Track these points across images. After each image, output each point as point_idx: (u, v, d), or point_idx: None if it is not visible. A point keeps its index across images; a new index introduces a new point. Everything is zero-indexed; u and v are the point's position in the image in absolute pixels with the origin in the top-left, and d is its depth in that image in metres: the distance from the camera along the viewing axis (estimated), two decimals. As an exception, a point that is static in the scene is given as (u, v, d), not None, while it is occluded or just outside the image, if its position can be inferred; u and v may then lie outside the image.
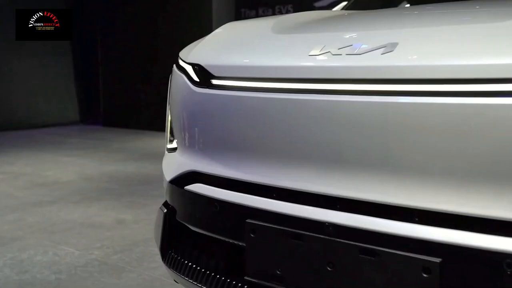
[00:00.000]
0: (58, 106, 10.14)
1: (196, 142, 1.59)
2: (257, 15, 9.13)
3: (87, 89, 10.60)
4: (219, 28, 1.81)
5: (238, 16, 9.14)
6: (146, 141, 7.72)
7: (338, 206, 1.26)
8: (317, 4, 8.52)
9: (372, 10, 1.86)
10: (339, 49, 1.27)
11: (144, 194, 4.36)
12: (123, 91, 9.60)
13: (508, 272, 1.03)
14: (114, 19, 9.74)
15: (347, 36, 1.34)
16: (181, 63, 1.68)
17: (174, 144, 1.77)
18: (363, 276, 1.19)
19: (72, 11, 9.28)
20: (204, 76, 1.54)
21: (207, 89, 1.52)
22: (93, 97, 10.40)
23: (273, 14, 8.93)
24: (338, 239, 1.23)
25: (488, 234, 1.06)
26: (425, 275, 1.10)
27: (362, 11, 1.91)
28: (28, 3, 8.61)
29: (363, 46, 1.24)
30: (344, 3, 2.66)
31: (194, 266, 1.60)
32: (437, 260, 1.09)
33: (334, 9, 2.60)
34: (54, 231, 3.40)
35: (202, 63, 1.56)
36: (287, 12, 8.89)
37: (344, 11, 1.94)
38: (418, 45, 1.21)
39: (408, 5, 1.83)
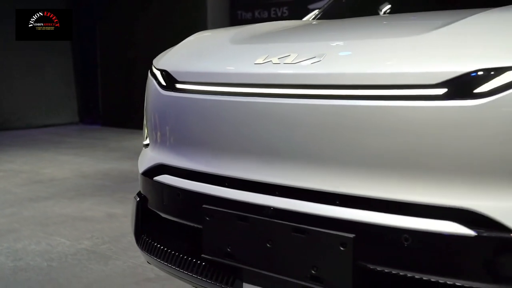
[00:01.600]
0: (58, 106, 10.33)
1: (163, 139, 1.81)
2: (253, 17, 9.37)
3: (86, 89, 10.80)
4: (189, 37, 2.03)
5: (234, 18, 9.36)
6: (142, 140, 7.93)
7: (276, 192, 1.47)
8: (311, 6, 8.73)
9: (318, 22, 2.08)
10: (279, 58, 1.49)
11: (136, 190, 4.54)
12: (121, 92, 9.81)
13: (405, 244, 1.25)
14: (113, 20, 9.95)
15: (287, 47, 1.55)
16: (153, 68, 1.90)
17: (147, 141, 1.99)
18: (295, 250, 1.41)
19: (72, 11, 9.42)
20: (170, 81, 1.76)
21: (172, 92, 1.74)
22: (92, 97, 10.62)
23: (269, 16, 9.17)
24: (275, 220, 1.45)
25: (390, 213, 1.28)
26: (342, 248, 1.32)
27: (310, 22, 2.13)
28: (28, 3, 8.76)
29: (298, 56, 1.46)
30: (316, 11, 2.89)
31: (162, 248, 1.82)
32: (351, 235, 1.31)
33: (305, 18, 2.84)
34: (48, 224, 3.63)
35: (168, 69, 1.78)
36: (283, 13, 9.13)
37: (296, 22, 2.16)
38: (341, 56, 1.42)
39: (357, 18, 2.05)
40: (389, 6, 2.47)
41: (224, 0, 9.35)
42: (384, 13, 2.44)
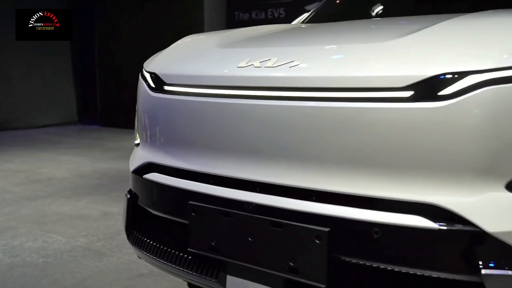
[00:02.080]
0: (57, 106, 10.38)
1: (152, 138, 1.89)
2: (250, 18, 9.45)
3: (85, 90, 10.88)
4: (177, 41, 2.11)
5: (232, 19, 9.44)
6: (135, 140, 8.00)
7: (257, 189, 1.55)
8: (307, 8, 8.81)
9: (303, 26, 2.17)
10: (260, 62, 1.57)
11: (132, 189, 4.65)
12: (119, 92, 9.88)
13: (375, 237, 1.33)
14: (111, 20, 10.03)
15: (269, 52, 1.64)
16: (143, 71, 1.99)
17: (138, 140, 2.07)
18: (274, 244, 1.49)
19: (72, 11, 9.47)
20: (158, 83, 1.85)
21: (160, 94, 1.82)
22: (91, 97, 10.70)
23: (266, 16, 9.25)
24: (256, 215, 1.53)
25: (362, 208, 1.36)
26: (317, 241, 1.40)
27: (295, 26, 2.21)
28: (28, 3, 8.78)
29: (278, 60, 1.54)
30: (305, 15, 2.98)
31: (152, 243, 1.90)
32: (326, 229, 1.39)
33: (294, 21, 2.92)
34: (45, 222, 3.71)
35: (157, 72, 1.87)
36: (279, 14, 9.21)
37: (282, 26, 2.24)
38: (317, 60, 1.50)
39: (338, 22, 2.13)
40: (374, 10, 2.56)
41: (221, 1, 9.42)
42: (369, 16, 2.52)
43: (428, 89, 1.28)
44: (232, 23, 9.35)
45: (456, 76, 1.26)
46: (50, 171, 5.66)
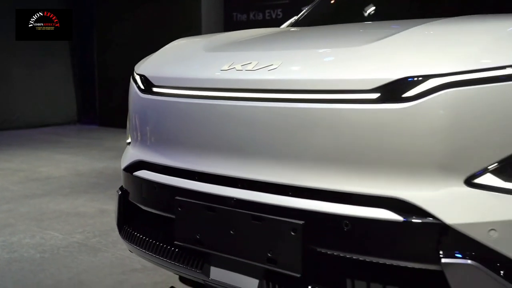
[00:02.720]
0: (56, 106, 10.46)
1: (142, 137, 1.99)
2: (248, 19, 9.55)
3: (84, 90, 10.97)
4: (167, 45, 2.21)
5: (230, 20, 9.53)
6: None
7: (239, 185, 1.65)
8: (304, 9, 8.86)
9: (288, 30, 2.27)
10: (242, 65, 1.67)
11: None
12: (118, 92, 9.97)
13: (345, 229, 1.43)
14: (110, 21, 10.12)
15: (250, 55, 1.74)
16: (134, 73, 2.09)
17: (130, 139, 2.17)
18: (254, 236, 1.59)
19: (72, 11, 9.53)
20: (148, 85, 1.95)
21: (149, 95, 1.92)
22: (90, 97, 10.80)
23: (264, 17, 9.36)
24: (238, 210, 1.63)
25: (333, 202, 1.46)
26: (293, 233, 1.50)
27: (281, 30, 2.31)
28: (28, 3, 8.83)
29: (258, 63, 1.64)
30: (295, 18, 3.08)
31: (142, 237, 2.00)
32: (301, 222, 1.49)
33: (284, 25, 3.02)
34: (43, 219, 3.81)
35: (146, 74, 1.97)
36: (277, 15, 9.31)
37: (267, 30, 2.33)
38: (294, 64, 1.60)
39: (320, 26, 2.24)
40: (357, 14, 2.66)
41: (219, 3, 9.52)
42: (352, 20, 2.62)
43: (393, 91, 1.38)
44: (230, 24, 9.45)
45: (418, 79, 1.36)
46: (49, 170, 5.76)
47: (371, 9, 2.73)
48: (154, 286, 2.63)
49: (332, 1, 2.97)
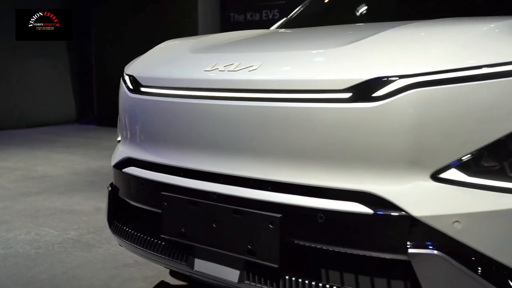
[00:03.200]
0: (55, 106, 10.54)
1: (131, 135, 2.07)
2: (245, 19, 9.65)
3: (82, 90, 11.05)
4: (155, 47, 2.29)
5: (227, 20, 9.62)
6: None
7: (221, 180, 1.73)
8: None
9: (274, 32, 2.35)
10: (224, 66, 1.75)
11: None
12: (115, 92, 10.03)
13: (320, 221, 1.51)
14: (108, 21, 10.20)
15: (233, 57, 1.81)
16: (124, 74, 2.17)
17: (120, 137, 2.25)
18: (235, 229, 1.67)
19: (72, 11, 9.58)
20: (136, 85, 2.02)
21: (137, 95, 2.00)
22: (89, 97, 10.87)
23: (260, 18, 9.45)
24: (219, 204, 1.70)
25: (308, 196, 1.54)
26: (271, 226, 1.58)
27: (263, 33, 2.39)
28: (28, 3, 8.88)
29: (239, 64, 1.72)
30: (285, 19, 3.16)
31: (131, 231, 2.08)
32: (278, 215, 1.57)
33: (273, 27, 3.10)
34: (38, 216, 3.89)
35: (135, 75, 2.04)
36: (274, 16, 9.40)
37: (253, 31, 2.41)
38: (272, 65, 1.68)
39: (303, 28, 2.31)
40: (341, 16, 2.74)
41: (215, 3, 9.60)
42: (337, 22, 2.70)
43: (364, 91, 1.46)
44: (227, 24, 9.54)
45: (387, 79, 1.44)
46: (45, 169, 5.83)
47: (356, 12, 2.81)
48: (145, 280, 2.70)
49: (319, 4, 3.05)
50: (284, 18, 3.23)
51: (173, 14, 9.28)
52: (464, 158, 1.41)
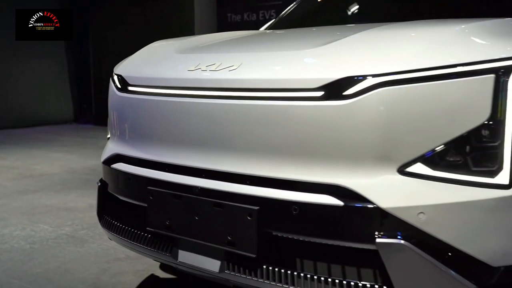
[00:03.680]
0: (53, 105, 10.61)
1: (119, 133, 2.15)
2: (242, 20, 9.73)
3: (81, 89, 11.12)
4: (144, 47, 2.37)
5: (225, 21, 9.70)
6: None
7: (203, 175, 1.81)
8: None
9: (253, 33, 2.44)
10: (206, 66, 1.83)
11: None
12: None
13: (294, 213, 1.59)
14: (105, 22, 10.28)
15: (215, 57, 1.89)
16: (113, 73, 2.25)
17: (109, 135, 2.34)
18: (216, 221, 1.75)
19: (72, 11, 9.63)
20: (124, 84, 2.11)
21: (125, 94, 2.09)
22: (87, 97, 10.95)
23: (257, 18, 9.53)
24: (201, 197, 1.78)
25: (283, 189, 1.62)
26: (249, 218, 1.66)
27: (247, 34, 2.47)
28: (28, 3, 8.92)
29: (221, 64, 1.80)
30: (273, 20, 3.24)
31: (119, 224, 2.16)
32: (256, 208, 1.65)
33: (262, 28, 3.19)
34: (34, 213, 3.97)
35: (123, 74, 2.13)
36: (270, 16, 9.48)
37: (238, 33, 2.50)
38: (251, 65, 1.76)
39: (286, 30, 2.40)
40: (326, 17, 2.82)
41: (211, 4, 9.68)
42: (323, 23, 2.78)
43: (335, 89, 1.54)
44: (225, 24, 9.62)
45: (357, 79, 1.52)
46: (42, 167, 5.92)
47: (340, 13, 2.89)
48: (135, 273, 2.79)
49: (305, 7, 3.13)
50: (273, 20, 3.32)
51: (170, 14, 9.37)
52: (429, 153, 1.50)
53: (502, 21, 1.94)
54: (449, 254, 1.48)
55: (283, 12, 3.26)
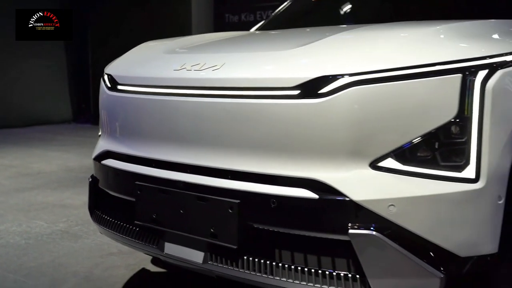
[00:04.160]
0: (52, 105, 10.67)
1: (109, 130, 2.23)
2: (239, 20, 9.82)
3: (80, 89, 11.20)
4: (134, 48, 2.45)
5: (222, 21, 9.78)
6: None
7: (187, 170, 1.89)
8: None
9: (239, 35, 2.52)
10: (191, 66, 1.91)
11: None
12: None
13: (272, 206, 1.67)
14: (104, 22, 10.36)
15: (200, 57, 1.97)
16: (104, 73, 2.33)
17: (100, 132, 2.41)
18: (199, 214, 1.83)
19: (72, 11, 9.68)
20: (113, 83, 2.19)
21: (114, 92, 2.16)
22: (86, 97, 11.03)
23: (255, 18, 9.62)
24: (186, 192, 1.86)
25: (263, 184, 1.70)
26: (230, 211, 1.74)
27: (233, 35, 2.55)
28: (28, 3, 8.93)
29: (205, 64, 1.88)
30: (264, 21, 3.32)
31: (109, 219, 2.24)
32: (237, 201, 1.73)
33: (252, 29, 3.27)
34: (30, 210, 4.05)
35: (112, 74, 2.21)
36: (268, 16, 9.55)
37: (225, 34, 2.58)
38: (233, 65, 1.84)
39: (272, 31, 2.48)
40: (313, 18, 2.90)
41: (209, 4, 9.77)
42: (309, 25, 2.86)
43: (311, 88, 1.62)
44: (222, 25, 9.70)
45: (331, 78, 1.60)
46: (40, 166, 5.99)
47: (327, 14, 2.97)
48: (127, 267, 2.86)
49: (294, 8, 3.21)
50: (263, 21, 3.40)
51: (168, 15, 9.45)
52: (399, 149, 1.58)
53: (482, 22, 2.02)
54: (418, 244, 1.56)
55: (273, 13, 3.34)
